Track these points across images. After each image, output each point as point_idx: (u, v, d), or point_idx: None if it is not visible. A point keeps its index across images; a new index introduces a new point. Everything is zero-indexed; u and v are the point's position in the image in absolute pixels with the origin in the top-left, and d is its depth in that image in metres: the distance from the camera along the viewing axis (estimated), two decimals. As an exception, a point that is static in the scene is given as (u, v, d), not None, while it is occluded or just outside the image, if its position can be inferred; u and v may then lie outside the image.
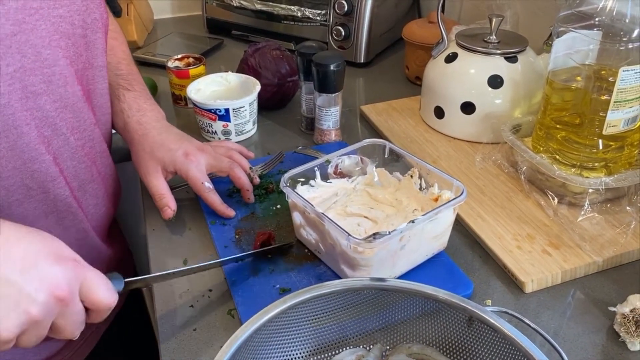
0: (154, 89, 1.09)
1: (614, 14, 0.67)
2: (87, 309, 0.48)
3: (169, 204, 0.73)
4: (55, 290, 0.44)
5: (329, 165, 0.74)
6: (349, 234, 0.58)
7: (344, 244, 0.59)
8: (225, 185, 0.82)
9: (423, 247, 0.65)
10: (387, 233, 0.58)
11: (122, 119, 0.77)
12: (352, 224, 0.68)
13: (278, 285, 0.64)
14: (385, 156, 0.74)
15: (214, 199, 0.75)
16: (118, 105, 0.77)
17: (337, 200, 0.73)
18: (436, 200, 0.67)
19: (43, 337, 0.46)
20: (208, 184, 0.74)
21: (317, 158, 0.75)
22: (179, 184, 0.82)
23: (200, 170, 0.74)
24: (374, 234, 0.57)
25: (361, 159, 0.75)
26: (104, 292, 0.48)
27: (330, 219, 0.60)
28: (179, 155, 0.74)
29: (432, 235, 0.64)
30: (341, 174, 0.75)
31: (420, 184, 0.70)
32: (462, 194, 0.64)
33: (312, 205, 0.63)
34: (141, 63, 1.24)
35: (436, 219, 0.62)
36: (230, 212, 0.76)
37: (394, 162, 0.74)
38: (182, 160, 0.74)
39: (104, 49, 0.68)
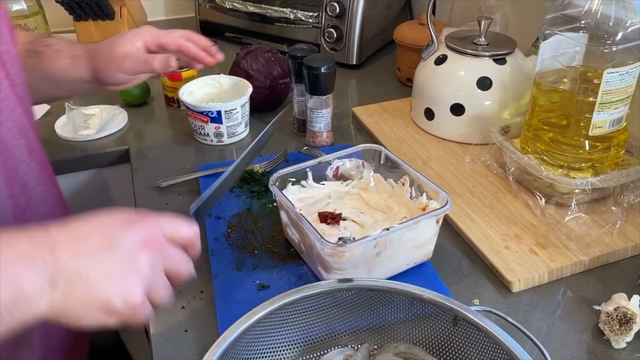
0: (146, 92, 1.10)
1: (599, 16, 0.68)
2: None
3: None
4: (149, 246, 0.46)
5: (329, 167, 0.75)
6: (322, 237, 0.59)
7: (318, 247, 0.60)
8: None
9: (403, 255, 0.65)
10: (352, 239, 0.58)
11: (76, 61, 0.74)
12: (339, 227, 0.69)
13: (258, 282, 0.66)
14: (381, 162, 0.75)
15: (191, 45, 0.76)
16: (67, 64, 0.74)
17: (329, 202, 0.74)
18: (424, 209, 0.67)
19: (167, 286, 0.48)
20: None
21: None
22: (176, 178, 0.83)
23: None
24: (340, 239, 0.58)
25: (362, 162, 0.76)
26: (184, 228, 0.50)
27: (307, 220, 0.61)
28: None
29: (413, 245, 0.64)
30: (341, 177, 0.76)
31: (411, 192, 0.71)
32: (445, 205, 0.64)
33: (293, 205, 0.64)
34: (134, 65, 1.25)
35: (416, 229, 0.62)
36: (210, 60, 0.79)
37: (390, 168, 0.74)
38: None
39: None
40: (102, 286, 0.43)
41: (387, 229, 0.60)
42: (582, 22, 0.69)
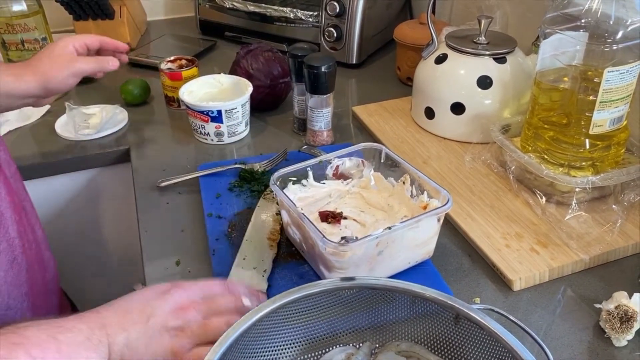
0: (146, 91, 1.10)
1: (599, 15, 0.68)
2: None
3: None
4: (181, 310, 0.51)
5: (329, 166, 0.75)
6: (324, 236, 0.59)
7: (320, 246, 0.60)
8: (227, 179, 0.84)
9: (404, 254, 0.65)
10: (355, 238, 0.58)
11: (20, 77, 0.77)
12: (340, 225, 0.69)
13: None
14: (382, 161, 0.75)
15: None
16: None
17: (330, 201, 0.74)
18: (425, 208, 0.67)
19: (212, 328, 0.51)
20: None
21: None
22: (177, 178, 0.84)
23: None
24: (343, 238, 0.58)
25: (362, 161, 0.76)
26: (215, 286, 0.55)
27: (309, 219, 0.61)
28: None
29: (414, 243, 0.64)
30: (341, 176, 0.76)
31: (412, 191, 0.71)
32: (446, 203, 0.64)
33: (295, 205, 0.64)
34: (134, 65, 1.25)
35: (417, 227, 0.63)
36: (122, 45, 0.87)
37: (390, 167, 0.74)
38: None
39: None
40: (146, 349, 0.49)
41: (389, 228, 0.60)
42: (583, 20, 0.69)
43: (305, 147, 0.93)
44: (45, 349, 0.44)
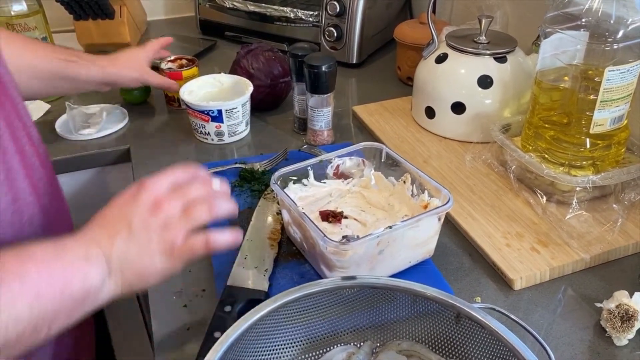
0: (146, 91, 1.10)
1: (600, 15, 0.68)
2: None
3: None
4: (157, 208, 0.51)
5: (330, 165, 0.75)
6: (325, 235, 0.59)
7: (321, 245, 0.60)
8: (227, 179, 0.83)
9: (404, 253, 0.65)
10: (356, 237, 0.58)
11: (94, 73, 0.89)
12: (341, 225, 0.69)
13: None
14: (382, 160, 0.75)
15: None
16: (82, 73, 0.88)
17: (330, 201, 0.74)
18: (426, 207, 0.67)
19: (204, 209, 0.52)
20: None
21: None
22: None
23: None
24: (344, 237, 0.58)
25: (363, 160, 0.76)
26: (178, 172, 0.55)
27: (310, 219, 0.61)
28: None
29: (415, 243, 0.65)
30: (341, 175, 0.76)
31: (413, 190, 0.71)
32: (447, 202, 0.64)
33: (295, 204, 0.64)
34: (134, 65, 1.25)
35: (418, 227, 0.63)
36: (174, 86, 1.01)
37: (391, 166, 0.74)
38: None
39: None
40: (142, 260, 0.50)
41: (390, 227, 0.60)
42: (583, 20, 0.69)
43: (305, 146, 0.93)
44: (51, 264, 0.46)
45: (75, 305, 0.47)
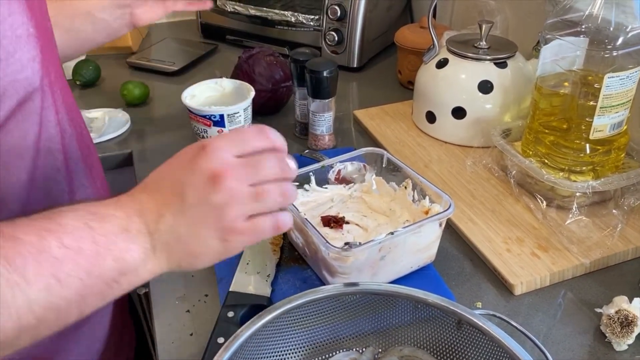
0: (145, 93, 1.10)
1: (600, 21, 0.69)
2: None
3: None
4: (218, 179, 0.44)
5: (331, 170, 0.75)
6: (327, 241, 0.59)
7: (323, 251, 0.60)
8: None
9: (406, 259, 0.65)
10: (358, 244, 0.59)
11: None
12: (342, 230, 0.69)
13: None
14: (383, 165, 0.75)
15: None
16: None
17: (332, 206, 0.74)
18: (427, 213, 0.68)
19: (276, 190, 0.46)
20: None
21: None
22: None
23: None
24: (346, 243, 0.59)
25: (364, 165, 0.76)
26: (250, 134, 0.47)
27: (312, 224, 0.62)
28: None
29: (416, 248, 0.65)
30: (343, 180, 0.76)
31: (414, 196, 0.71)
32: (448, 208, 0.64)
33: (297, 210, 0.64)
34: (136, 68, 1.25)
35: (419, 232, 0.63)
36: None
37: (392, 171, 0.75)
38: None
39: None
40: (193, 239, 0.44)
41: (392, 233, 0.60)
42: (583, 26, 0.70)
43: (307, 151, 0.93)
44: (80, 237, 0.40)
45: (106, 286, 0.42)
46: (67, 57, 0.81)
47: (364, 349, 0.55)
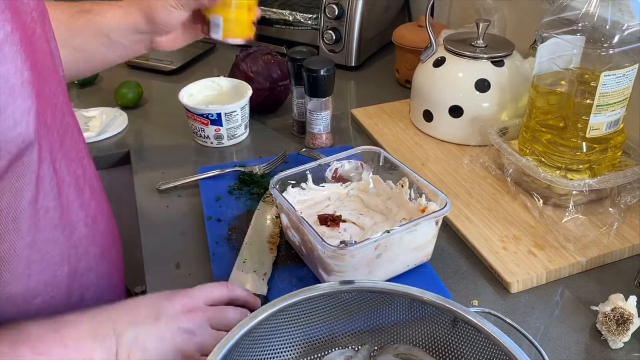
0: (138, 95, 1.10)
1: (596, 19, 0.69)
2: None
3: None
4: (189, 313, 0.53)
5: (328, 169, 0.75)
6: (322, 239, 0.59)
7: (319, 249, 0.60)
8: (227, 182, 0.85)
9: (402, 257, 0.65)
10: (353, 242, 0.59)
11: (127, 9, 0.74)
12: (339, 229, 0.69)
13: None
14: (380, 164, 0.75)
15: None
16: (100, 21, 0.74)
17: (329, 204, 0.74)
18: (423, 211, 0.68)
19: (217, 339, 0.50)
20: None
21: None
22: (177, 181, 0.84)
23: None
24: (342, 242, 0.59)
25: (361, 164, 0.76)
26: (217, 291, 0.58)
27: (308, 223, 0.62)
28: None
29: (413, 247, 0.65)
30: (340, 178, 0.76)
31: (410, 194, 0.71)
32: (445, 207, 0.64)
33: (294, 208, 0.65)
34: (133, 67, 1.25)
35: (415, 231, 0.63)
36: None
37: (389, 170, 0.75)
38: None
39: None
40: (156, 350, 0.49)
41: (388, 232, 0.60)
42: (580, 25, 0.70)
43: (304, 150, 0.93)
44: (50, 342, 0.44)
45: None
46: (73, 77, 0.79)
47: (359, 347, 0.55)
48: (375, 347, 0.56)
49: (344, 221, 0.71)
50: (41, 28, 0.50)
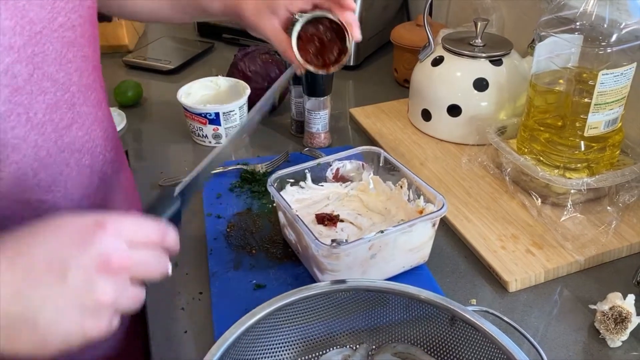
0: (138, 96, 1.10)
1: (594, 18, 0.69)
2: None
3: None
4: (108, 267, 0.37)
5: (330, 168, 0.75)
6: (316, 238, 0.59)
7: (313, 248, 0.60)
8: (228, 180, 0.85)
9: (398, 258, 0.65)
10: (345, 242, 0.59)
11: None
12: (336, 228, 0.69)
13: (254, 281, 0.66)
14: (380, 164, 0.75)
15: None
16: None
17: (328, 204, 0.74)
18: (421, 212, 0.68)
19: (137, 297, 0.40)
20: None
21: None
22: (175, 180, 0.84)
23: None
24: (333, 240, 0.59)
25: (362, 164, 0.76)
26: (150, 228, 0.41)
27: (303, 221, 0.62)
28: None
29: (408, 248, 0.65)
30: (341, 178, 0.76)
31: (409, 195, 0.71)
32: (441, 208, 0.64)
33: (290, 206, 0.64)
34: (132, 67, 1.25)
35: (411, 232, 0.63)
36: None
37: (389, 171, 0.75)
38: None
39: None
40: (55, 328, 0.36)
41: (382, 232, 0.60)
42: (577, 23, 0.70)
43: (307, 149, 0.93)
44: None
45: None
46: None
47: (357, 346, 0.55)
48: (373, 346, 0.56)
49: (342, 221, 0.71)
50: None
